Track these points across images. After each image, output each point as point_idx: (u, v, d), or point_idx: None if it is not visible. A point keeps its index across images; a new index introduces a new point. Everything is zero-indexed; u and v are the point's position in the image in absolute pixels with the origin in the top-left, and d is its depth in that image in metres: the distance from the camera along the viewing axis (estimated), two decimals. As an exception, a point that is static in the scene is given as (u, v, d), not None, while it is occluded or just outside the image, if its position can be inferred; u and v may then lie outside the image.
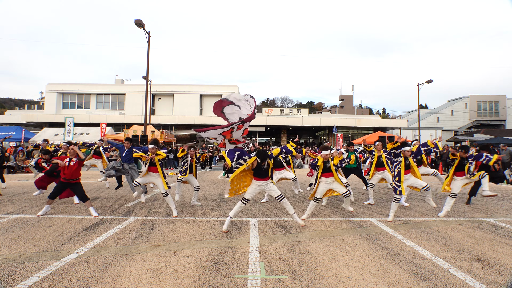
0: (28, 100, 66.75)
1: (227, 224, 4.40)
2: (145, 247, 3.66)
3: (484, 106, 37.55)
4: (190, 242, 3.87)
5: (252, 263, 3.17)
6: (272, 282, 2.76)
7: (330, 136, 26.51)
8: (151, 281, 2.75)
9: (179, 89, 30.28)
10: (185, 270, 2.99)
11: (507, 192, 8.91)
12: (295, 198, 7.24)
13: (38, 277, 2.82)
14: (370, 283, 2.75)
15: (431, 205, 5.50)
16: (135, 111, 28.97)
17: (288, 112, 30.94)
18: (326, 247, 3.72)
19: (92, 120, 24.17)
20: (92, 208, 5.29)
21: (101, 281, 2.75)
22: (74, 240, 3.94)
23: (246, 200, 4.49)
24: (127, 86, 31.17)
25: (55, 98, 29.68)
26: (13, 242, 3.84)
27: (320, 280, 2.80)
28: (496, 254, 3.54)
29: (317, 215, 5.47)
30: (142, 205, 6.26)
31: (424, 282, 2.77)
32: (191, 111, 28.48)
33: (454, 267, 3.13)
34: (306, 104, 75.11)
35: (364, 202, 6.66)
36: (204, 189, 8.85)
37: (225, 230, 4.32)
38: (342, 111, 45.71)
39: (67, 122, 16.63)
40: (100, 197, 7.31)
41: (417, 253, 3.53)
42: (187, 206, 6.20)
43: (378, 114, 55.47)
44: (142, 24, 14.81)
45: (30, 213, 5.48)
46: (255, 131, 27.52)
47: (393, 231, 4.42)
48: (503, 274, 2.99)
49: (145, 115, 16.41)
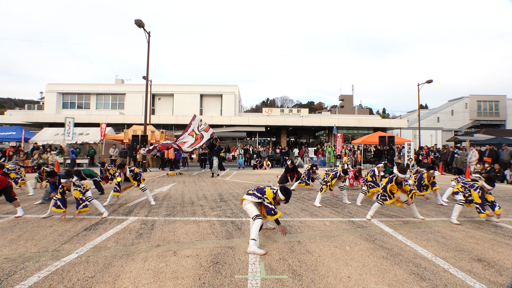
0: (28, 100, 66.84)
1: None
2: (145, 247, 3.66)
3: (484, 106, 37.52)
4: (190, 242, 3.86)
5: (252, 263, 3.17)
6: (272, 282, 2.76)
7: (330, 136, 26.50)
8: (151, 281, 2.75)
9: (179, 89, 30.27)
10: (185, 270, 2.99)
11: (507, 192, 8.91)
12: (295, 199, 7.24)
13: (38, 277, 2.82)
14: (370, 283, 2.75)
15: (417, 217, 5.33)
16: (135, 111, 28.97)
17: (288, 112, 30.93)
18: (326, 247, 3.72)
19: (92, 120, 24.16)
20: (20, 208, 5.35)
21: (101, 281, 2.75)
22: (74, 240, 3.94)
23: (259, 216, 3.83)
24: (127, 86, 31.16)
25: (55, 98, 29.68)
26: (13, 242, 3.84)
27: (320, 280, 2.80)
28: (496, 254, 3.54)
29: (317, 215, 5.46)
30: (142, 205, 6.26)
31: (424, 282, 2.77)
32: (191, 111, 28.39)
33: (454, 267, 3.13)
34: (306, 104, 75.13)
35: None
36: (204, 189, 8.85)
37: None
38: (342, 111, 45.71)
39: (67, 122, 16.61)
40: (99, 198, 7.31)
41: (417, 253, 3.53)
42: (187, 206, 6.20)
43: (378, 114, 55.47)
44: (142, 24, 14.82)
45: (30, 213, 5.48)
46: (255, 131, 27.50)
47: (393, 231, 4.42)
48: (503, 274, 2.98)
49: (145, 115, 16.42)
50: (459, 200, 5.09)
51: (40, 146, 17.64)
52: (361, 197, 6.59)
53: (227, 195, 7.70)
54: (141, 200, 6.87)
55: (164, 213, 5.53)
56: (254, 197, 3.88)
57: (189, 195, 7.70)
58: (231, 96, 29.93)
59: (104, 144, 18.02)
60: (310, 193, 8.18)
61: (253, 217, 3.73)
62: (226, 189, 8.74)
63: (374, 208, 5.23)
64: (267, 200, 3.76)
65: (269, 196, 3.79)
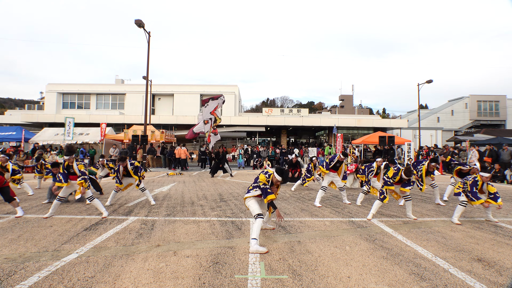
0: (28, 100, 66.77)
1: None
2: (145, 247, 3.66)
3: (484, 106, 37.52)
4: (190, 242, 3.86)
5: (252, 263, 3.17)
6: (272, 282, 2.76)
7: (330, 136, 26.49)
8: (151, 281, 2.75)
9: (179, 89, 30.27)
10: (185, 270, 2.99)
11: (507, 192, 8.91)
12: (295, 199, 7.24)
13: (38, 277, 2.82)
14: (370, 283, 2.75)
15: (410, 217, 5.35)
16: (135, 111, 28.96)
17: (288, 112, 30.92)
18: (326, 247, 3.72)
19: (92, 120, 24.14)
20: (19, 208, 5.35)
21: (101, 281, 2.75)
22: (74, 240, 3.94)
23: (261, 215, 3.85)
24: (127, 86, 31.15)
25: (55, 98, 29.66)
26: (13, 242, 3.84)
27: (320, 280, 2.80)
28: (496, 254, 3.54)
29: (317, 215, 5.46)
30: (142, 205, 6.26)
31: (424, 282, 2.77)
32: (191, 111, 28.43)
33: (454, 267, 3.13)
34: (306, 104, 75.09)
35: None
36: (204, 189, 8.86)
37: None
38: (342, 111, 45.69)
39: (67, 122, 16.60)
40: (99, 197, 7.31)
41: (417, 253, 3.53)
42: (187, 206, 6.20)
43: (378, 114, 55.45)
44: (142, 24, 14.82)
45: (30, 213, 5.48)
46: (255, 131, 27.50)
47: (393, 231, 4.42)
48: (503, 274, 2.99)
49: (145, 115, 16.41)
50: (461, 201, 5.09)
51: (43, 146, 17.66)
52: (361, 197, 6.59)
53: (227, 195, 7.70)
54: (141, 200, 6.88)
55: (164, 213, 5.53)
56: (254, 189, 3.90)
57: (189, 195, 7.70)
58: (231, 96, 29.91)
59: (104, 144, 18.02)
60: (310, 193, 8.18)
61: (255, 216, 3.73)
62: (226, 189, 8.74)
63: (376, 206, 5.30)
64: (261, 183, 3.85)
65: (262, 178, 3.90)
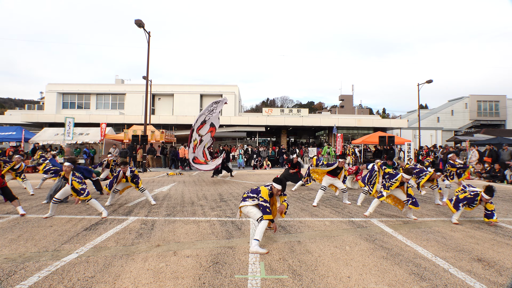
0: (28, 100, 66.69)
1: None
2: (145, 247, 3.66)
3: (484, 106, 37.50)
4: (190, 242, 3.86)
5: (252, 263, 3.17)
6: (272, 282, 2.76)
7: (330, 136, 26.49)
8: (151, 281, 2.75)
9: (179, 89, 30.26)
10: (185, 270, 2.99)
11: (507, 192, 8.90)
12: (295, 198, 7.24)
13: (38, 277, 2.82)
14: (370, 283, 2.75)
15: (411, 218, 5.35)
16: (135, 111, 28.95)
17: (288, 112, 30.91)
18: (326, 247, 3.72)
19: (92, 120, 24.13)
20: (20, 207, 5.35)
21: (101, 281, 2.75)
22: (74, 240, 3.94)
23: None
24: (127, 86, 31.13)
25: (55, 98, 29.65)
26: (13, 242, 3.84)
27: (320, 280, 2.80)
28: (496, 254, 3.54)
29: (317, 215, 5.46)
30: (142, 205, 6.26)
31: (424, 282, 2.77)
32: (191, 111, 28.43)
33: (454, 267, 3.13)
34: (306, 104, 75.03)
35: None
36: (204, 189, 8.85)
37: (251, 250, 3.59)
38: (342, 111, 45.67)
39: (67, 122, 16.61)
40: (99, 197, 7.31)
41: (417, 253, 3.53)
42: (187, 206, 6.20)
43: (378, 114, 55.43)
44: (142, 24, 14.82)
45: (30, 213, 5.48)
46: (255, 131, 27.49)
47: (393, 231, 4.42)
48: (503, 274, 2.99)
49: (145, 115, 16.41)
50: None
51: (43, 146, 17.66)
52: (362, 197, 6.59)
53: (227, 195, 7.70)
54: (141, 200, 6.87)
55: (164, 213, 5.53)
56: (251, 199, 3.86)
57: (189, 195, 7.70)
58: (231, 96, 29.89)
59: (104, 144, 18.02)
60: (310, 193, 8.18)
61: (258, 219, 3.73)
62: (226, 189, 8.74)
63: (374, 205, 5.40)
64: (261, 199, 3.79)
65: (264, 194, 3.79)
